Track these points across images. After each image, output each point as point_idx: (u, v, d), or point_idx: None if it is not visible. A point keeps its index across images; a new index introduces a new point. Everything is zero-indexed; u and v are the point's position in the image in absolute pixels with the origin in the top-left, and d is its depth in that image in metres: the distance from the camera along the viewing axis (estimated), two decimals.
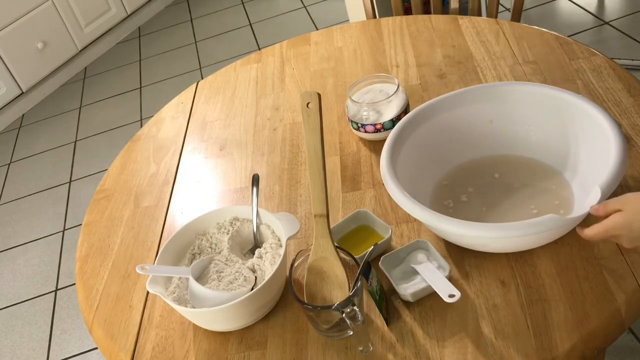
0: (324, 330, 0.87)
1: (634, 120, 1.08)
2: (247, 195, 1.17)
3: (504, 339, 0.82)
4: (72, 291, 2.21)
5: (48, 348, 2.03)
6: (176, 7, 4.03)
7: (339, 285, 0.87)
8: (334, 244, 0.89)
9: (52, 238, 2.48)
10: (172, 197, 1.23)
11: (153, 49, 3.62)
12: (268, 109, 1.39)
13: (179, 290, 0.93)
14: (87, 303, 1.05)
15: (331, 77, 1.42)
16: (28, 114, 3.37)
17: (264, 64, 1.55)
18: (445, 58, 1.36)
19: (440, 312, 0.87)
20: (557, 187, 0.99)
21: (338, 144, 1.22)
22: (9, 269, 2.39)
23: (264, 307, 0.91)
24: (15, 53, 3.23)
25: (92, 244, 1.17)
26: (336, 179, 1.14)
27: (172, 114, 1.48)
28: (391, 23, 1.54)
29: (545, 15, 2.82)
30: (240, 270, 0.94)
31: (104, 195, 1.28)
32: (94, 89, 3.41)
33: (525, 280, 0.88)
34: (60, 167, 2.88)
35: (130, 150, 1.40)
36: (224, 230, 1.01)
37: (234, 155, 1.29)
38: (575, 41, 1.31)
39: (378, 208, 1.06)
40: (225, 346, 0.91)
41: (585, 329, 0.80)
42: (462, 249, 0.94)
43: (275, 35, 3.34)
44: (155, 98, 3.17)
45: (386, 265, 0.92)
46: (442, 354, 0.82)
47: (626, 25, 2.59)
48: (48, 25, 3.36)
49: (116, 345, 0.96)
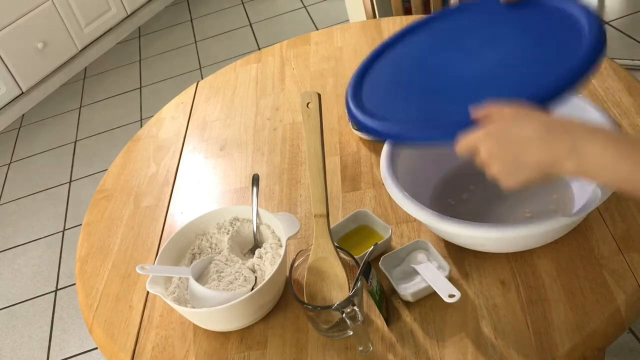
0: (324, 330, 0.87)
1: (634, 120, 1.08)
2: (247, 195, 1.17)
3: (504, 339, 0.82)
4: (72, 291, 2.21)
5: (48, 348, 2.03)
6: (176, 7, 4.03)
7: (339, 285, 0.87)
8: (334, 244, 0.89)
9: (52, 238, 2.48)
10: (172, 197, 1.23)
11: (153, 49, 3.62)
12: (268, 109, 1.39)
13: (179, 290, 0.93)
14: (87, 303, 1.05)
15: (331, 77, 1.42)
16: (28, 114, 3.37)
17: (264, 64, 1.55)
18: None
19: (440, 312, 0.87)
20: (557, 187, 0.99)
21: (338, 144, 1.22)
22: (9, 269, 2.39)
23: (264, 307, 0.91)
24: (15, 53, 3.23)
25: (92, 244, 1.17)
26: (336, 179, 1.14)
27: (172, 114, 1.48)
28: (391, 23, 1.54)
29: None
30: (240, 270, 0.94)
31: (104, 196, 1.28)
32: (94, 89, 3.41)
33: (525, 280, 0.88)
34: (60, 167, 2.88)
35: (130, 150, 1.40)
36: (224, 230, 1.01)
37: (234, 155, 1.29)
38: None
39: (378, 208, 1.06)
40: (225, 346, 0.91)
41: (585, 329, 0.80)
42: (462, 249, 0.94)
43: (275, 35, 3.34)
44: (155, 98, 3.17)
45: (386, 265, 0.92)
46: (442, 354, 0.82)
47: (626, 25, 2.59)
48: (48, 25, 3.36)
49: (116, 345, 0.96)
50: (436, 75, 0.91)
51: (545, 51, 0.84)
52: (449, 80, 0.89)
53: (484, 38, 0.93)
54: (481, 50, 0.91)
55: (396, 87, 0.94)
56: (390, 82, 0.96)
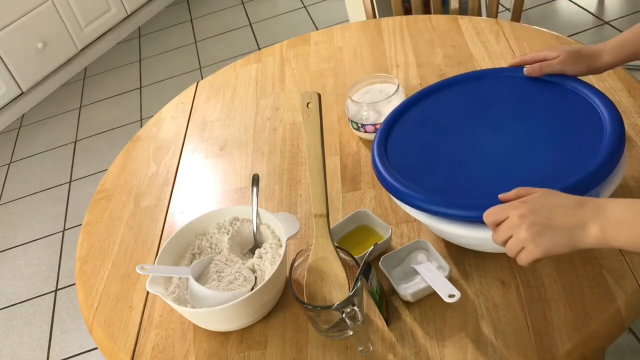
0: (324, 330, 0.87)
1: (634, 120, 1.08)
2: (247, 195, 1.17)
3: (504, 339, 0.82)
4: (72, 291, 2.21)
5: (48, 348, 2.03)
6: (176, 7, 4.03)
7: (339, 285, 0.87)
8: (334, 244, 0.89)
9: (52, 238, 2.48)
10: (172, 197, 1.23)
11: (153, 49, 3.61)
12: (268, 109, 1.39)
13: (179, 290, 0.93)
14: (87, 303, 1.05)
15: (331, 77, 1.42)
16: (28, 114, 3.37)
17: (264, 64, 1.55)
18: (445, 58, 1.36)
19: (440, 312, 0.87)
20: None
21: (338, 144, 1.22)
22: (9, 269, 2.39)
23: (264, 307, 0.91)
24: (15, 53, 3.23)
25: (92, 244, 1.17)
26: (336, 179, 1.14)
27: (172, 114, 1.48)
28: (391, 23, 1.54)
29: (545, 15, 2.82)
30: (240, 270, 0.94)
31: (104, 195, 1.28)
32: (94, 89, 3.41)
33: (525, 280, 0.88)
34: (60, 167, 2.88)
35: (130, 150, 1.40)
36: (224, 230, 1.01)
37: (234, 155, 1.29)
38: (575, 41, 1.31)
39: (378, 208, 1.06)
40: (225, 346, 0.91)
41: (585, 329, 0.80)
42: (462, 249, 0.94)
43: (275, 35, 3.34)
44: (155, 98, 3.17)
45: (386, 265, 0.92)
46: (442, 354, 0.82)
47: (626, 25, 2.59)
48: (48, 25, 3.36)
49: (116, 345, 0.96)
50: (461, 144, 0.95)
51: (567, 139, 0.89)
52: (474, 152, 0.92)
53: (507, 111, 0.97)
54: (504, 124, 0.95)
55: (421, 150, 0.97)
56: (416, 144, 0.98)
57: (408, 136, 1.00)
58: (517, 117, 0.95)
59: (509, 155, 0.90)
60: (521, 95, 0.99)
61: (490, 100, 1.01)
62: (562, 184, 0.79)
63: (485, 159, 0.90)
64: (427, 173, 0.91)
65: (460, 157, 0.92)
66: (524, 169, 0.86)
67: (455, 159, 0.93)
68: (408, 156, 0.96)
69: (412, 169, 0.93)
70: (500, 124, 0.95)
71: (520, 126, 0.93)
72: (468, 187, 0.87)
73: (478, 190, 0.85)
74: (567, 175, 0.81)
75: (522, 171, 0.86)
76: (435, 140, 0.97)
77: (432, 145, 0.96)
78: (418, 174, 0.92)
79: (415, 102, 1.05)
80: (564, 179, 0.81)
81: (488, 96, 1.02)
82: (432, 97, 1.05)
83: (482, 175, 0.88)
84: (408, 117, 1.03)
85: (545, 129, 0.92)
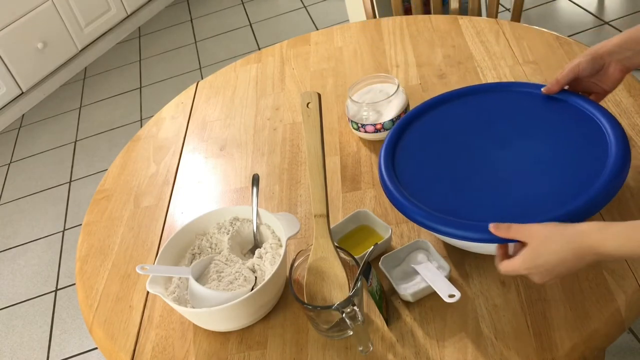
0: (324, 330, 0.87)
1: (634, 120, 1.08)
2: (247, 195, 1.17)
3: (504, 339, 0.82)
4: (72, 291, 2.21)
5: (48, 348, 2.03)
6: (176, 7, 4.03)
7: (339, 285, 0.87)
8: (334, 244, 0.89)
9: (52, 238, 2.48)
10: (172, 197, 1.23)
11: (153, 49, 3.61)
12: (268, 109, 1.39)
13: (179, 290, 0.93)
14: (87, 303, 1.05)
15: (331, 77, 1.42)
16: (28, 114, 3.37)
17: (264, 64, 1.55)
18: (445, 58, 1.36)
19: (440, 312, 0.87)
20: None
21: (338, 144, 1.22)
22: (9, 269, 2.39)
23: (264, 307, 0.91)
24: (15, 53, 3.23)
25: (92, 244, 1.17)
26: (336, 179, 1.14)
27: (172, 114, 1.48)
28: (391, 23, 1.54)
29: (545, 15, 2.82)
30: (240, 270, 0.94)
31: (104, 196, 1.28)
32: (94, 89, 3.41)
33: (525, 280, 0.88)
34: (60, 167, 2.88)
35: (130, 150, 1.40)
36: (224, 230, 1.01)
37: (234, 155, 1.29)
38: (575, 41, 1.31)
39: (378, 208, 1.06)
40: (225, 346, 0.91)
41: (585, 329, 0.80)
42: (463, 249, 0.94)
43: (275, 35, 3.34)
44: (155, 98, 3.17)
45: (386, 265, 0.92)
46: (442, 354, 0.82)
47: (626, 25, 2.59)
48: (48, 25, 3.36)
49: (116, 345, 0.96)
50: (468, 159, 0.95)
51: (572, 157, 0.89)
52: (481, 169, 0.93)
53: (514, 126, 0.97)
54: (510, 139, 0.95)
55: (428, 165, 0.97)
56: (423, 158, 0.98)
57: (415, 150, 1.00)
58: (523, 133, 0.96)
59: (515, 172, 0.90)
60: (528, 111, 0.99)
61: (496, 115, 1.01)
62: (566, 207, 0.81)
63: (492, 176, 0.91)
64: (434, 192, 0.91)
65: (466, 174, 0.93)
66: (529, 187, 0.87)
67: (461, 175, 0.93)
68: (415, 172, 0.96)
69: (420, 184, 0.93)
70: (506, 139, 0.96)
71: (527, 142, 0.94)
72: (474, 206, 0.87)
73: (484, 210, 0.86)
74: (572, 196, 0.83)
75: (527, 188, 0.87)
76: (442, 155, 0.98)
77: (439, 160, 0.97)
78: (425, 190, 0.92)
79: (422, 113, 1.06)
80: (570, 200, 0.82)
81: (495, 110, 1.02)
82: (439, 108, 1.06)
83: (489, 193, 0.88)
84: (415, 129, 1.03)
85: (551, 146, 0.92)
